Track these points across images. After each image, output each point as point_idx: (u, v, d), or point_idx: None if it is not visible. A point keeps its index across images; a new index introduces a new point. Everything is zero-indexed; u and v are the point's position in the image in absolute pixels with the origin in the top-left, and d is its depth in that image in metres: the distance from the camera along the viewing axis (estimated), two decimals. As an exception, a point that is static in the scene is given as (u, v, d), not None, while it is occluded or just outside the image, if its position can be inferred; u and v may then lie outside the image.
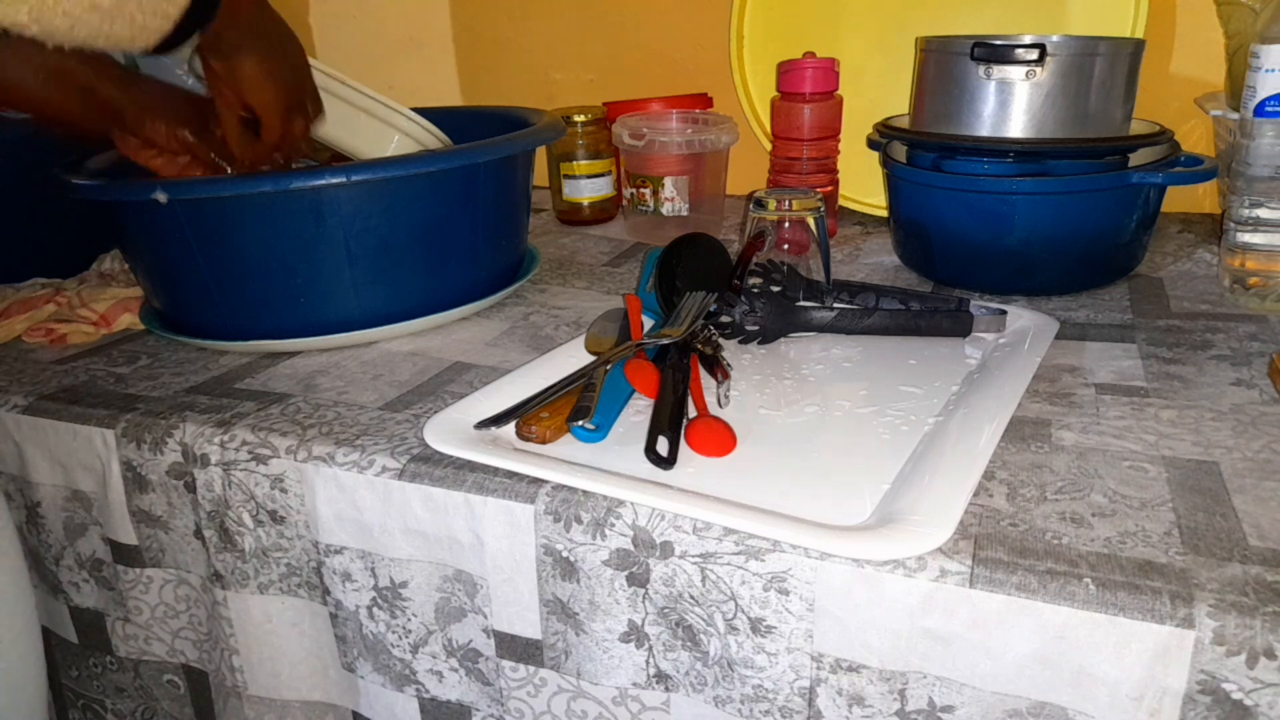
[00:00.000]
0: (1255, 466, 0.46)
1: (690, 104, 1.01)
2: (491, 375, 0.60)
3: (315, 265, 0.64)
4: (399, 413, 0.56)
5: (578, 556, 0.46)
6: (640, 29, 1.12)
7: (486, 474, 0.48)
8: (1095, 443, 0.49)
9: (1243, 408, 0.52)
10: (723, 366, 0.56)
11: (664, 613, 0.46)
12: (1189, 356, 0.59)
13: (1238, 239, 0.68)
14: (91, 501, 0.60)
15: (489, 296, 0.72)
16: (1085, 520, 0.42)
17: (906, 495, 0.44)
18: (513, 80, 1.21)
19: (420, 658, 0.53)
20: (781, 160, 0.90)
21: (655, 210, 0.91)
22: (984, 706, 0.40)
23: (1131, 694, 0.38)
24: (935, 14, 0.91)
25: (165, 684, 0.65)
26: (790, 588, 0.42)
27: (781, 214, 0.67)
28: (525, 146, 0.73)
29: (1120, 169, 0.70)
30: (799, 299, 0.65)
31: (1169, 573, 0.38)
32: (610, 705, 0.49)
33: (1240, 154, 0.66)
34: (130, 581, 0.61)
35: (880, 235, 0.92)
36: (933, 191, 0.74)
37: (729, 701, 0.46)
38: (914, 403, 0.55)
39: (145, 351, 0.68)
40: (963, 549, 0.40)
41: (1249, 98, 0.65)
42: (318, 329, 0.65)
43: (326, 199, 0.61)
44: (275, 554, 0.55)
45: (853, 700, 0.43)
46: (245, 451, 0.54)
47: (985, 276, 0.72)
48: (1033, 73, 0.68)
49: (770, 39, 1.00)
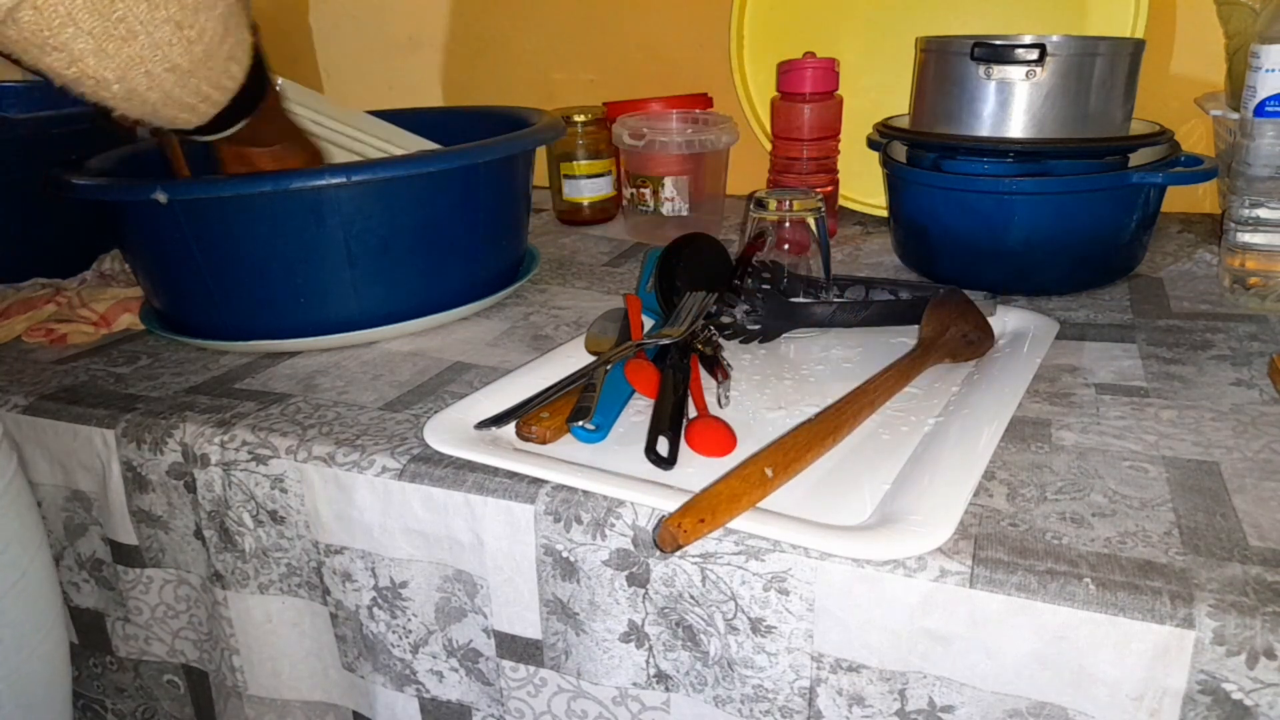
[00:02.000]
0: (1255, 466, 0.46)
1: (690, 104, 1.01)
2: (491, 375, 0.60)
3: (315, 265, 0.64)
4: (399, 413, 0.56)
5: (578, 556, 0.46)
6: (640, 29, 1.12)
7: (486, 474, 0.48)
8: (1095, 443, 0.49)
9: (1243, 408, 0.52)
10: (723, 366, 0.56)
11: (664, 613, 0.46)
12: (1189, 356, 0.59)
13: (1238, 239, 0.68)
14: (91, 501, 0.60)
15: (489, 296, 0.72)
16: (1085, 520, 0.42)
17: (907, 495, 0.44)
18: (513, 80, 1.21)
19: (420, 658, 0.53)
20: (781, 160, 0.90)
21: (655, 210, 0.91)
22: (984, 706, 0.40)
23: (1131, 694, 0.38)
24: (935, 14, 0.91)
25: (165, 684, 0.65)
26: (790, 588, 0.42)
27: (782, 214, 0.67)
28: (525, 146, 0.73)
29: (1120, 169, 0.70)
30: (797, 294, 0.65)
31: (1169, 573, 0.38)
32: (610, 705, 0.49)
33: (1240, 154, 0.66)
34: (130, 581, 0.61)
35: (880, 235, 0.92)
36: (933, 191, 0.74)
37: (729, 701, 0.46)
38: (914, 403, 0.55)
39: (145, 351, 0.68)
40: (963, 549, 0.40)
41: (1249, 98, 0.65)
42: (318, 329, 0.65)
43: (326, 199, 0.61)
44: (275, 554, 0.55)
45: (853, 700, 0.43)
46: (245, 451, 0.54)
47: (985, 276, 0.72)
48: (1033, 73, 0.68)
49: (770, 39, 1.00)
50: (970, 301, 0.63)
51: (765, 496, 0.43)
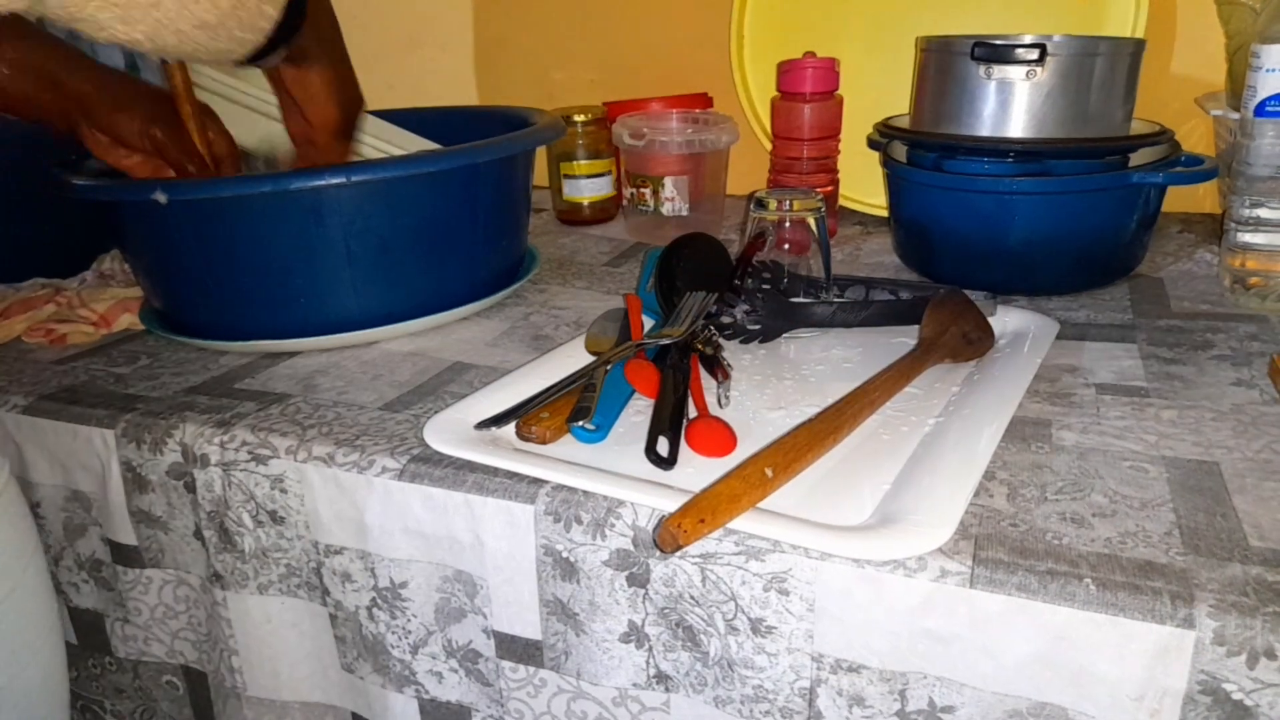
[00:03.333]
0: (1255, 466, 0.46)
1: (690, 104, 1.01)
2: (491, 375, 0.60)
3: (315, 265, 0.63)
4: (399, 413, 0.56)
5: (578, 557, 0.46)
6: (640, 29, 1.12)
7: (486, 474, 0.48)
8: (1095, 443, 0.49)
9: (1243, 408, 0.52)
10: (723, 367, 0.56)
11: (664, 613, 0.46)
12: (1189, 356, 0.59)
13: (1238, 239, 0.68)
14: (91, 502, 0.60)
15: (489, 296, 0.72)
16: (1086, 520, 0.42)
17: (907, 495, 0.44)
18: (513, 80, 1.21)
19: (420, 658, 0.53)
20: (781, 160, 0.90)
21: (655, 210, 0.91)
22: (984, 707, 0.40)
23: (1132, 694, 0.38)
24: (935, 14, 0.91)
25: (164, 685, 0.65)
26: (790, 588, 0.42)
27: (782, 214, 0.67)
28: (525, 146, 0.73)
29: (1120, 169, 0.69)
30: (797, 294, 0.65)
31: (1169, 573, 0.38)
32: (610, 706, 0.49)
33: (1240, 154, 0.66)
34: (130, 582, 0.61)
35: (880, 235, 0.92)
36: (933, 191, 0.74)
37: (729, 702, 0.45)
38: (914, 403, 0.55)
39: (145, 351, 0.68)
40: (963, 549, 0.40)
41: (1249, 98, 0.65)
42: (318, 329, 0.65)
43: (326, 199, 0.61)
44: (275, 554, 0.55)
45: (853, 701, 0.42)
46: (245, 452, 0.54)
47: (985, 276, 0.72)
48: (1033, 73, 0.68)
49: (770, 39, 1.00)
50: (970, 301, 0.63)
51: (765, 497, 0.43)
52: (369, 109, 0.85)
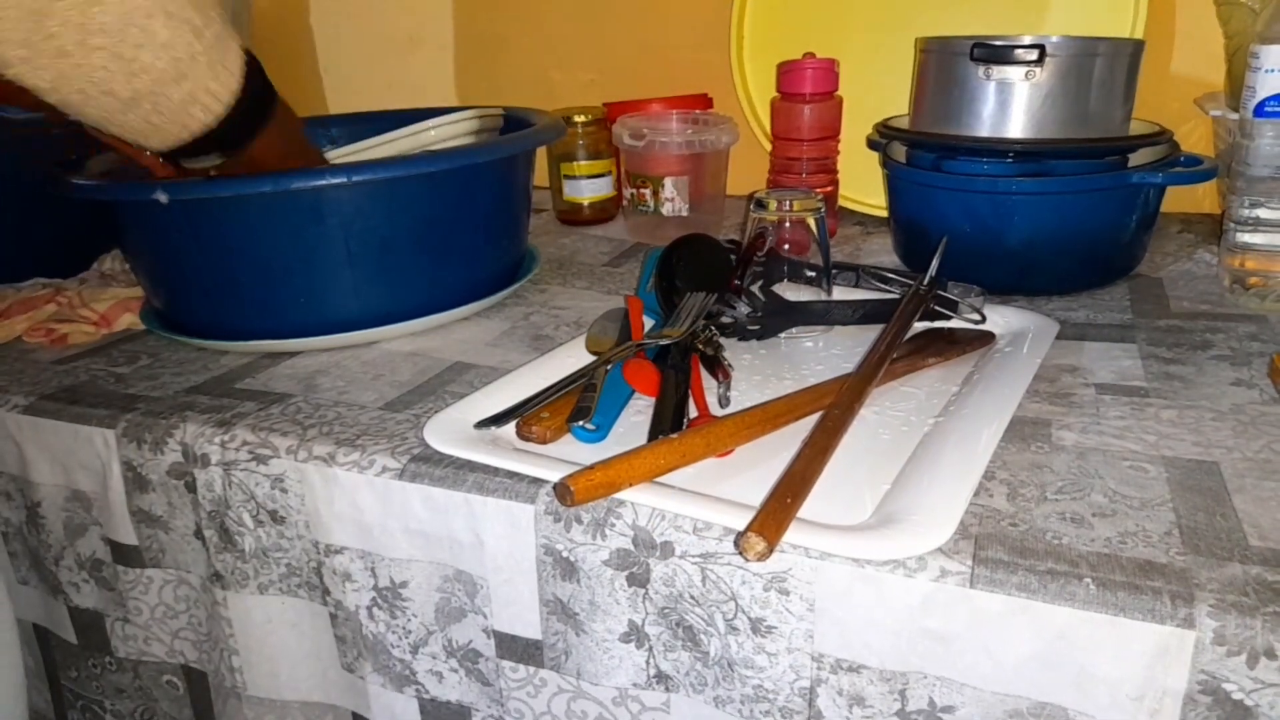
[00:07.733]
0: (1255, 466, 0.46)
1: (690, 104, 1.01)
2: (492, 375, 0.60)
3: (315, 265, 0.64)
4: (399, 413, 0.56)
5: (578, 556, 0.46)
6: (640, 29, 1.12)
7: (487, 474, 0.48)
8: (1095, 443, 0.49)
9: (1243, 408, 0.52)
10: (723, 367, 0.56)
11: (664, 613, 0.46)
12: (1189, 356, 0.59)
13: (1238, 239, 0.68)
14: (91, 501, 0.60)
15: (489, 296, 0.72)
16: (1085, 520, 0.42)
17: (907, 495, 0.44)
18: (513, 80, 1.21)
19: (420, 658, 0.53)
20: (781, 160, 0.90)
21: (655, 210, 0.91)
22: (984, 707, 0.40)
23: (1132, 694, 0.38)
24: (935, 14, 0.92)
25: (164, 684, 0.65)
26: (790, 588, 0.42)
27: (782, 214, 0.67)
28: (525, 146, 0.73)
29: (1120, 169, 0.70)
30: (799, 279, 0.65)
31: (1169, 573, 0.38)
32: (610, 706, 0.49)
33: (1240, 154, 0.67)
34: (130, 582, 0.61)
35: (880, 235, 0.92)
36: (933, 192, 0.74)
37: (729, 702, 0.46)
38: (914, 403, 0.55)
39: (145, 351, 0.68)
40: (963, 549, 0.40)
41: (1249, 98, 0.65)
42: (318, 329, 0.65)
43: (327, 199, 0.61)
44: (275, 554, 0.55)
45: (853, 701, 0.42)
46: (245, 451, 0.54)
47: (985, 276, 0.72)
48: (1032, 73, 0.68)
49: (770, 39, 1.00)
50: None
51: (672, 469, 0.45)
52: (369, 109, 0.85)
